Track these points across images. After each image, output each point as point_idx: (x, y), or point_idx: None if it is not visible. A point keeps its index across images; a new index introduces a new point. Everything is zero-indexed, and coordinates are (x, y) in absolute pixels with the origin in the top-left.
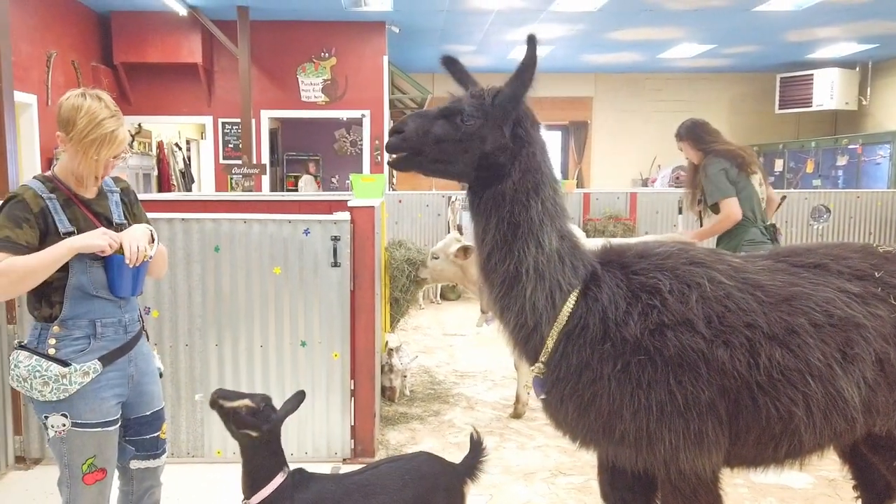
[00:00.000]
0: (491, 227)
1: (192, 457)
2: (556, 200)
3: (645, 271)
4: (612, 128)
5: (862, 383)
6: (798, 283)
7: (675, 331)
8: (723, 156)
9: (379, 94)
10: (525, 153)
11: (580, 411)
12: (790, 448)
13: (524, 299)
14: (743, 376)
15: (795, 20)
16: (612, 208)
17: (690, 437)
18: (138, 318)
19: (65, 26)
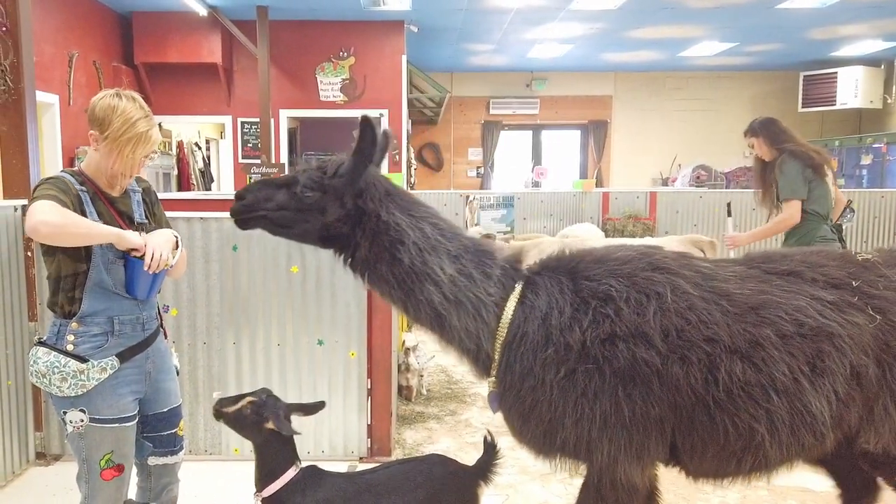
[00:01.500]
0: (385, 290)
1: (210, 454)
2: (428, 234)
3: (598, 277)
4: (632, 127)
5: (833, 398)
6: (768, 290)
7: (627, 343)
8: (799, 156)
9: (397, 93)
10: (368, 220)
11: (523, 419)
12: (755, 463)
13: (457, 329)
14: (699, 393)
15: (819, 17)
16: (631, 208)
17: (632, 451)
18: (156, 316)
19: (86, 27)
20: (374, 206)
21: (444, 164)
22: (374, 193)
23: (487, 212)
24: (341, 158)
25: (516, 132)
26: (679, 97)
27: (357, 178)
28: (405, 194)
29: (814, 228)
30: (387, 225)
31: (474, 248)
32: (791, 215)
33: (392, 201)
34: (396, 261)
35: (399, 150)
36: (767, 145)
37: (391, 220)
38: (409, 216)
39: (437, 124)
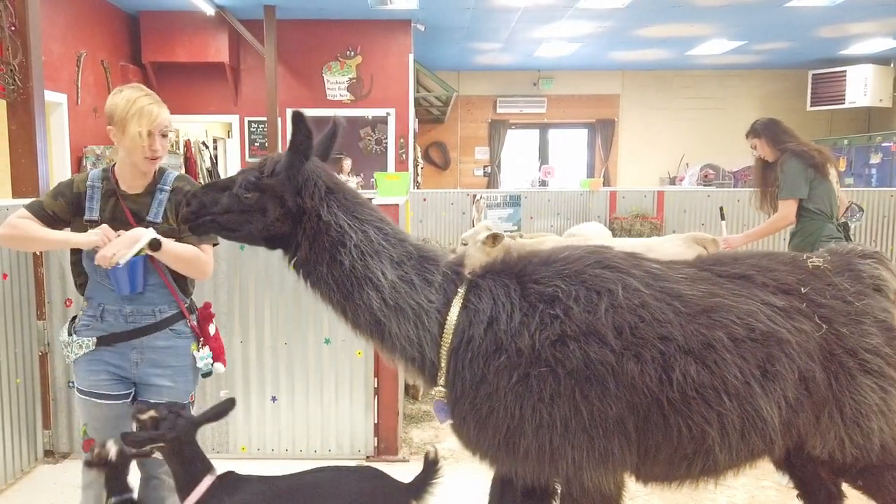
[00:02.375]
0: (325, 293)
1: (217, 452)
2: (371, 238)
3: (545, 280)
4: (640, 126)
5: (783, 402)
6: (720, 293)
7: (579, 342)
8: (801, 156)
9: (404, 92)
10: (308, 219)
11: (479, 427)
12: (704, 467)
13: (397, 337)
14: (654, 392)
15: (828, 16)
16: (639, 207)
17: (595, 455)
18: (154, 314)
19: (94, 26)
20: (314, 204)
21: (451, 163)
22: (313, 191)
23: (494, 211)
24: (279, 155)
25: (523, 131)
26: (687, 96)
27: (294, 174)
28: (350, 193)
29: (819, 228)
30: (327, 225)
31: (418, 254)
32: (786, 215)
33: (334, 200)
34: (337, 263)
35: (406, 150)
36: (770, 146)
37: (332, 220)
38: (352, 217)
39: (443, 123)
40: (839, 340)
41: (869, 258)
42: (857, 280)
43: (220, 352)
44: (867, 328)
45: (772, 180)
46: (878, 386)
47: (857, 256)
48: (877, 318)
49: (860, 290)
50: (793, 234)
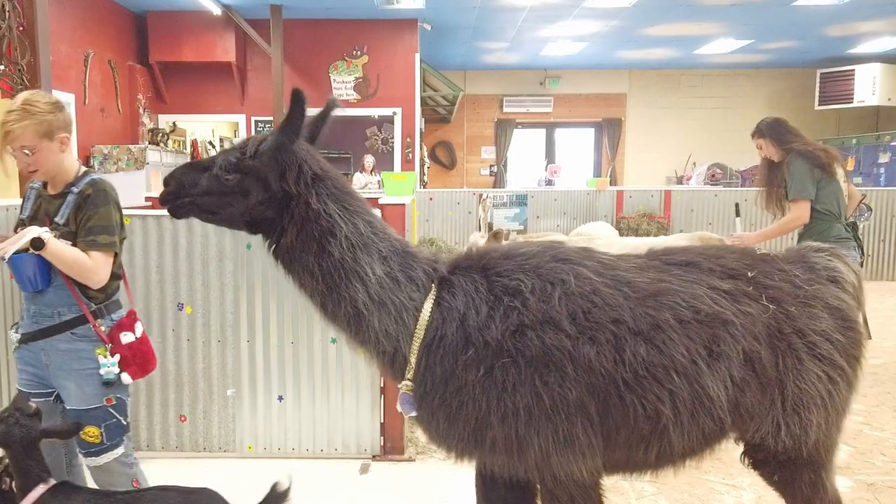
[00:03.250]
0: (306, 282)
1: (224, 451)
2: (361, 230)
3: (508, 273)
4: (647, 125)
5: (729, 381)
6: (667, 279)
7: (536, 330)
8: (806, 156)
9: (411, 91)
10: (296, 204)
11: (449, 421)
12: (661, 450)
13: (375, 331)
14: (609, 373)
15: (836, 14)
16: (645, 206)
17: (560, 441)
18: (54, 316)
19: (102, 26)
20: (302, 191)
21: (457, 162)
22: (299, 176)
23: (500, 210)
24: (263, 135)
25: (530, 130)
26: (694, 95)
27: (279, 157)
28: (338, 181)
29: (827, 228)
30: (317, 213)
31: (402, 250)
32: (799, 216)
33: (323, 187)
34: (326, 253)
35: (412, 149)
36: (775, 146)
37: (322, 208)
38: (342, 207)
39: (450, 123)
40: (788, 319)
41: (822, 252)
42: (809, 270)
43: (132, 360)
44: (817, 311)
45: (777, 180)
46: (826, 375)
47: (811, 251)
48: (828, 303)
49: (812, 278)
50: (801, 235)
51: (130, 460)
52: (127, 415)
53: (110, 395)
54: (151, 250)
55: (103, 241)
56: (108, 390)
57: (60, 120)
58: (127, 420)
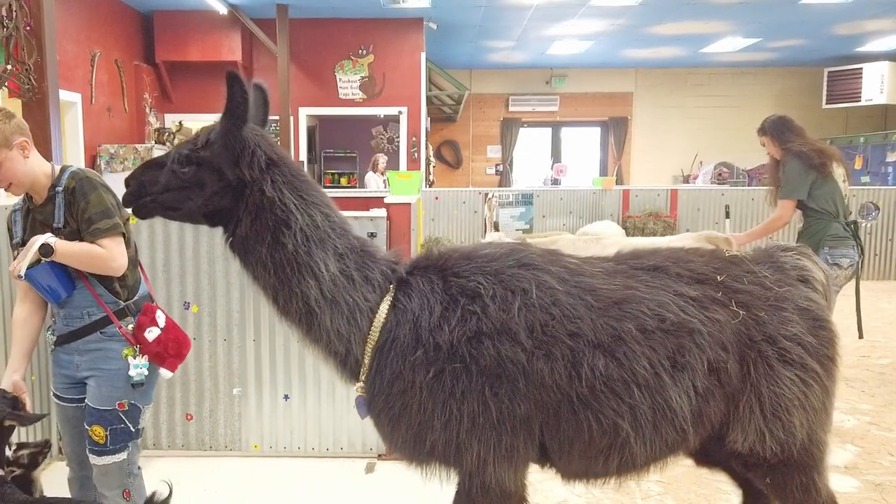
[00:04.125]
0: (259, 274)
1: (230, 450)
2: (318, 224)
3: (467, 274)
4: (653, 124)
5: (692, 392)
6: (633, 286)
7: (493, 340)
8: (800, 156)
9: (416, 90)
10: (251, 192)
11: (394, 423)
12: (622, 461)
13: (327, 330)
14: (563, 390)
15: (844, 12)
16: (652, 205)
17: (501, 451)
18: (83, 316)
19: (109, 26)
20: (256, 176)
21: (463, 161)
22: (251, 160)
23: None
24: (214, 125)
25: (535, 129)
26: (701, 94)
27: (230, 143)
28: (294, 169)
29: (824, 227)
30: (272, 202)
31: (360, 248)
32: (781, 215)
33: (279, 174)
34: (279, 245)
35: (418, 148)
36: (776, 144)
37: (277, 196)
38: (298, 197)
39: (455, 122)
40: (758, 326)
41: (791, 251)
42: (778, 270)
43: (166, 353)
44: (788, 315)
45: (778, 178)
46: (799, 378)
47: (780, 250)
48: (798, 305)
49: (781, 278)
50: (799, 233)
51: (130, 469)
52: (138, 422)
53: (124, 401)
54: (158, 249)
55: (106, 226)
56: (124, 394)
57: (13, 126)
58: (137, 427)
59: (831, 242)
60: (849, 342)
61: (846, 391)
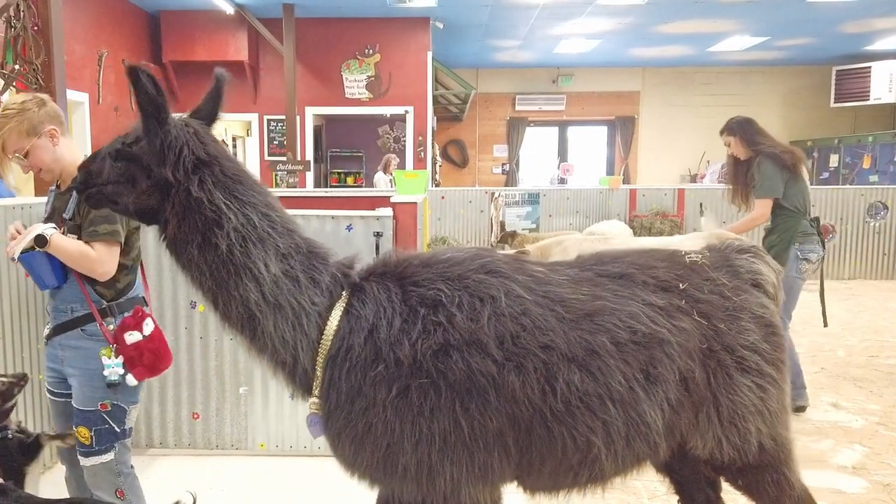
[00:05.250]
0: (195, 276)
1: (237, 449)
2: (255, 223)
3: (427, 282)
4: (660, 123)
5: (665, 405)
6: (602, 295)
7: (462, 352)
8: (774, 158)
9: (423, 90)
10: (176, 193)
11: (356, 445)
12: (591, 476)
13: (271, 337)
14: (536, 404)
15: (852, 11)
16: (659, 204)
17: (475, 471)
18: (68, 311)
19: (115, 26)
20: (181, 178)
21: (469, 160)
22: (177, 161)
23: (513, 209)
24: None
25: (542, 128)
26: (708, 93)
27: (152, 137)
28: (231, 169)
29: (795, 224)
30: (199, 202)
31: (307, 248)
32: (762, 213)
33: (209, 175)
34: (211, 245)
35: (424, 147)
36: (743, 145)
37: (205, 197)
38: (231, 197)
39: (462, 121)
40: (717, 336)
41: (746, 253)
42: (734, 275)
43: (139, 360)
44: (745, 324)
45: (742, 177)
46: (755, 385)
47: (735, 252)
48: (754, 313)
49: (738, 285)
50: (769, 230)
51: (120, 469)
52: (124, 423)
53: (106, 401)
54: (165, 249)
55: (104, 231)
56: (106, 394)
57: (43, 114)
58: (123, 428)
59: (801, 238)
60: (856, 342)
61: (854, 391)
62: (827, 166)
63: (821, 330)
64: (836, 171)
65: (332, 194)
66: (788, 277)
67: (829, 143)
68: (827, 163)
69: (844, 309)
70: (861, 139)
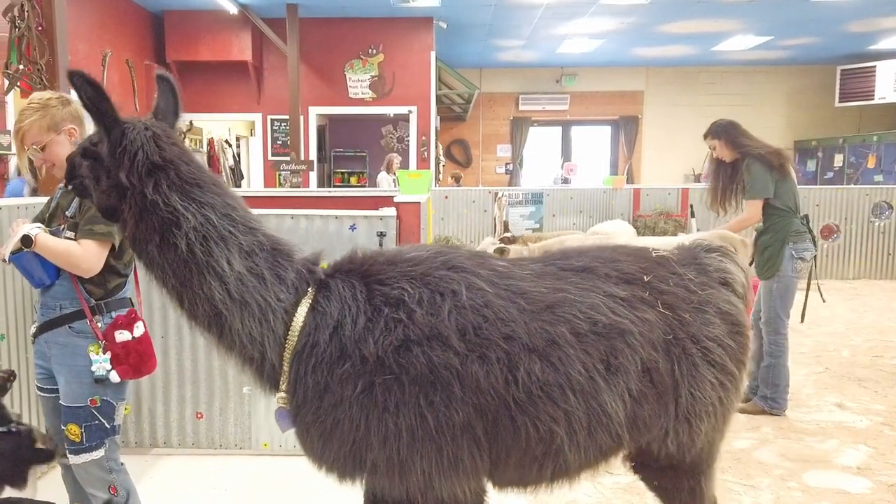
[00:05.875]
0: (158, 276)
1: (240, 448)
2: (215, 222)
3: (391, 281)
4: (664, 122)
5: (626, 396)
6: (564, 288)
7: (423, 346)
8: (762, 159)
9: (426, 90)
10: (133, 193)
11: (325, 440)
12: (556, 469)
13: (239, 334)
14: (500, 394)
15: (857, 9)
16: (662, 204)
17: (444, 464)
18: (56, 308)
19: (120, 26)
20: (135, 182)
21: (473, 160)
22: (131, 165)
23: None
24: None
25: (546, 128)
26: (712, 92)
27: (106, 138)
28: (186, 172)
29: (787, 223)
30: (154, 204)
31: (271, 246)
32: (753, 214)
33: (165, 178)
34: (169, 245)
35: (427, 147)
36: (728, 148)
37: (161, 199)
38: (188, 199)
39: (465, 121)
40: (682, 326)
41: (714, 252)
42: (702, 272)
43: (125, 359)
44: (710, 317)
45: (725, 179)
46: (718, 381)
47: (703, 251)
48: (720, 308)
49: (705, 281)
50: (761, 231)
51: (111, 465)
52: (113, 418)
53: (95, 397)
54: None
55: (99, 231)
56: (94, 390)
57: (66, 113)
58: (112, 424)
59: (794, 238)
60: (861, 342)
61: (859, 391)
62: (831, 166)
63: (825, 329)
64: (841, 170)
65: (336, 194)
66: (785, 277)
67: (834, 143)
68: (831, 162)
69: (849, 309)
70: (866, 139)
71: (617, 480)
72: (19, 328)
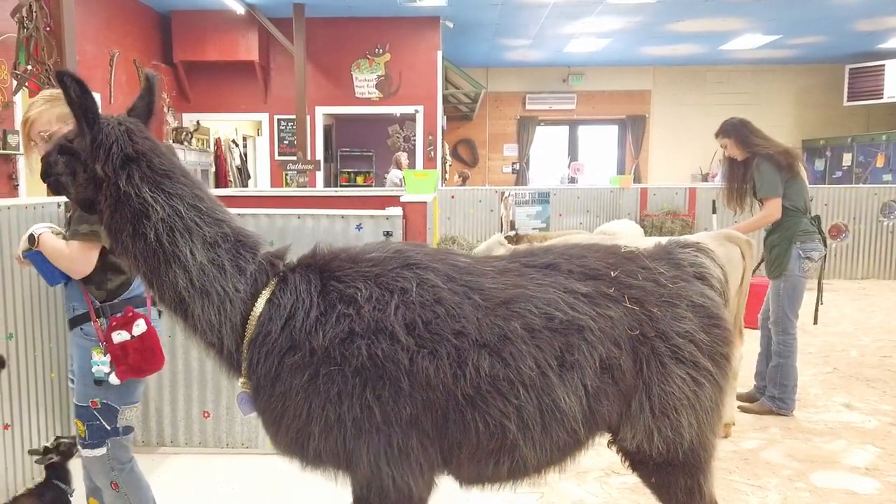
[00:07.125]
0: (131, 262)
1: (247, 448)
2: (182, 214)
3: (347, 279)
4: (671, 122)
5: (582, 392)
6: (522, 284)
7: (366, 339)
8: (771, 158)
9: (432, 89)
10: (108, 186)
11: (276, 424)
12: (513, 465)
13: (199, 320)
14: (450, 389)
15: (865, 8)
16: (670, 204)
17: (394, 454)
18: (70, 310)
19: (127, 26)
20: (109, 174)
21: (479, 160)
22: (105, 159)
23: (523, 208)
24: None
25: (552, 127)
26: (720, 91)
27: (84, 135)
28: (158, 165)
29: (796, 223)
30: (127, 195)
31: (235, 238)
32: (773, 212)
33: (136, 170)
34: (140, 235)
35: (434, 147)
36: (739, 147)
37: (133, 191)
38: (158, 190)
39: (472, 120)
40: (651, 322)
41: (689, 248)
42: (675, 267)
43: (123, 360)
44: (681, 311)
45: (738, 178)
46: (690, 377)
47: (678, 247)
48: (693, 301)
49: (677, 275)
50: (770, 230)
51: (113, 464)
52: (115, 421)
53: (96, 399)
54: None
55: (84, 231)
56: (95, 392)
57: None
58: (114, 426)
59: (802, 237)
60: (869, 342)
61: (867, 391)
62: (840, 165)
63: (833, 329)
64: (850, 169)
65: (342, 194)
66: (792, 276)
67: (843, 142)
68: (840, 162)
69: (857, 309)
70: (874, 138)
71: (624, 480)
72: (27, 327)
